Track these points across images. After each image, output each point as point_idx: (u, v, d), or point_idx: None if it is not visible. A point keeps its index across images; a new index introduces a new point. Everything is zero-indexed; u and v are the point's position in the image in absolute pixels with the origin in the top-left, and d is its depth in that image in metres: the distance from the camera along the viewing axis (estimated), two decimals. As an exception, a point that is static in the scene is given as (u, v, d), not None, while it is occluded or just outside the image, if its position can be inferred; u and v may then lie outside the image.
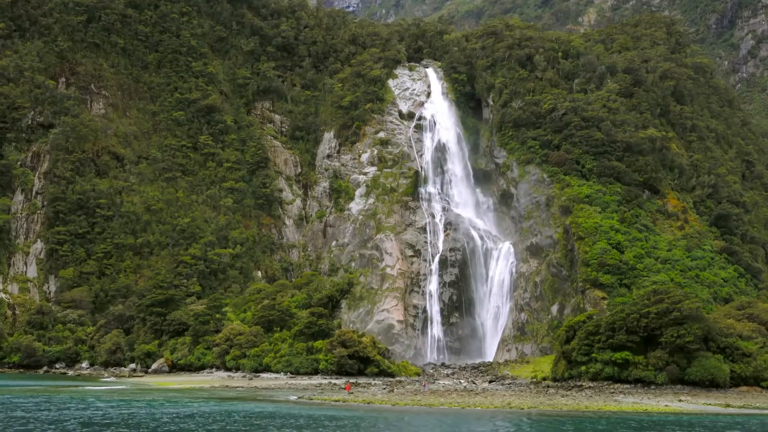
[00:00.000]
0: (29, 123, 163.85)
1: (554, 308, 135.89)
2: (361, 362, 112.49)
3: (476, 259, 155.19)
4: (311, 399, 76.19)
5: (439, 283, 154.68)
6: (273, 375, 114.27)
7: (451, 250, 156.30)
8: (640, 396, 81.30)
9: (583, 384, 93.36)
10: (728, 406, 73.37)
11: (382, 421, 59.71)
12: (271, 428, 54.73)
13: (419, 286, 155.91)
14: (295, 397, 78.38)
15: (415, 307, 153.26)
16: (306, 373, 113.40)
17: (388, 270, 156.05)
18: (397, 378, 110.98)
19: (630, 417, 63.03)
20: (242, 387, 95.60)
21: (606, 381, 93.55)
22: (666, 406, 70.51)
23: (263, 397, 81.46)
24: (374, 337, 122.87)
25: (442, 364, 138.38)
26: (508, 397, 77.73)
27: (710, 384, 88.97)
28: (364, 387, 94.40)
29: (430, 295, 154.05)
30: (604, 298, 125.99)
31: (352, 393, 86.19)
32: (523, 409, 67.87)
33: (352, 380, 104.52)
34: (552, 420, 61.92)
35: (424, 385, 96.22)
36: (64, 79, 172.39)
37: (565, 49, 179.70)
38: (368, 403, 72.03)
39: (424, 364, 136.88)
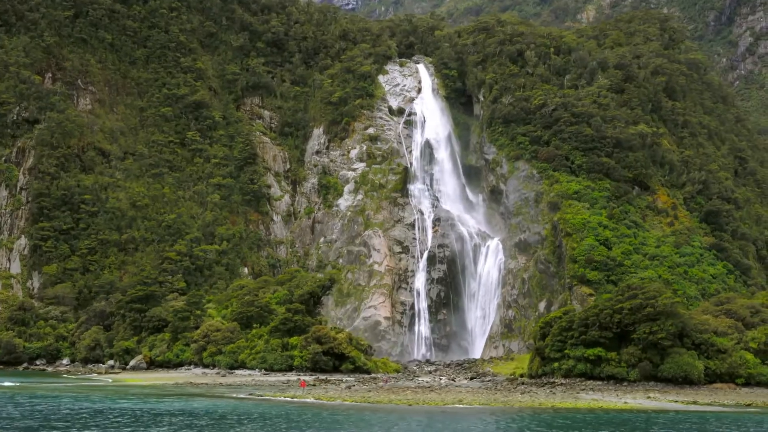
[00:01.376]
0: (14, 118, 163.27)
1: (542, 305, 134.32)
2: (336, 359, 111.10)
3: (465, 256, 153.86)
4: (261, 396, 74.51)
5: (427, 280, 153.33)
6: (247, 371, 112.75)
7: (440, 246, 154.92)
8: (609, 393, 79.41)
9: (556, 381, 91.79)
10: (695, 402, 71.58)
11: (310, 418, 57.73)
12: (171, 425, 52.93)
13: (407, 283, 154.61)
14: (244, 395, 76.68)
15: (403, 303, 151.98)
16: (280, 370, 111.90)
17: (375, 266, 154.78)
18: (373, 375, 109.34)
19: (570, 414, 61.10)
20: (207, 384, 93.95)
21: (579, 377, 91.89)
22: (625, 402, 68.65)
23: (219, 393, 79.77)
24: (351, 333, 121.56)
25: (427, 361, 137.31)
26: (463, 394, 75.93)
27: (684, 381, 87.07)
28: (334, 384, 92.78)
29: (418, 292, 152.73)
30: (591, 295, 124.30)
31: (315, 386, 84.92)
32: (472, 405, 66.11)
33: (323, 377, 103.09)
34: (462, 416, 60.14)
35: (385, 381, 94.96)
36: (51, 75, 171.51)
37: (557, 44, 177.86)
38: (317, 399, 70.39)
39: (408, 361, 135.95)
